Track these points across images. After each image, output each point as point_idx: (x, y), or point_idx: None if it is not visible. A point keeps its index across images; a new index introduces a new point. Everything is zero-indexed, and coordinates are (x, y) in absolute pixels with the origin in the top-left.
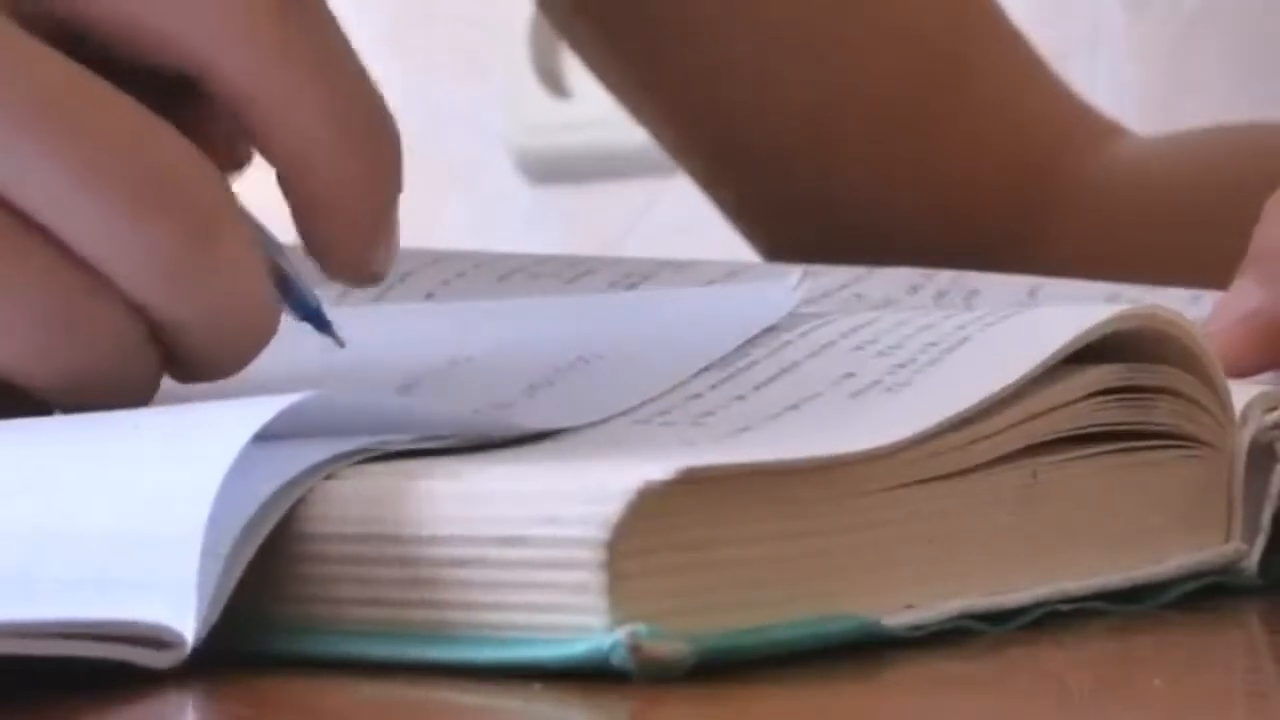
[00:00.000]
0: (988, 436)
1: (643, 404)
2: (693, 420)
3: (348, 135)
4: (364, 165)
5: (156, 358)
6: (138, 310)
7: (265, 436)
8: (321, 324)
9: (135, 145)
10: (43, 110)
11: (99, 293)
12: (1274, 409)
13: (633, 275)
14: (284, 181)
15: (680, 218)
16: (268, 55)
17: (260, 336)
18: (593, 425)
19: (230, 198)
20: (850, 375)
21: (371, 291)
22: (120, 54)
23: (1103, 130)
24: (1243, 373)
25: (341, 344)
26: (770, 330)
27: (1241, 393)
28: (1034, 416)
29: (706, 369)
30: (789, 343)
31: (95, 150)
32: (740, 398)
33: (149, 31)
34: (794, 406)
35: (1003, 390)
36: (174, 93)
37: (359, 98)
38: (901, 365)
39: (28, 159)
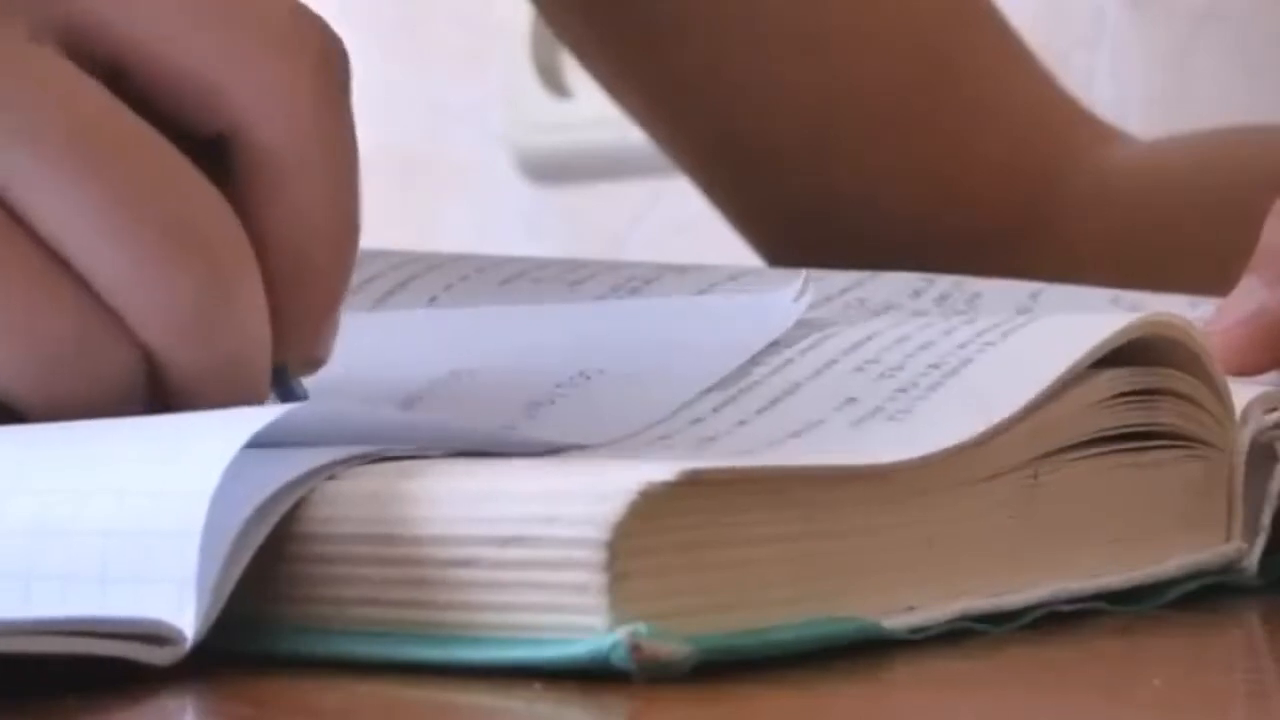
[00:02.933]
0: (995, 451)
1: (645, 428)
2: (695, 445)
3: (351, 213)
4: (350, 245)
5: (145, 400)
6: (144, 353)
7: (264, 444)
8: (289, 395)
9: (166, 189)
10: (80, 143)
11: (112, 331)
12: (1274, 409)
13: (635, 279)
14: (276, 249)
15: (681, 217)
16: (306, 119)
17: (254, 397)
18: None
19: (248, 248)
20: (852, 400)
21: (373, 297)
22: (155, 103)
23: (1100, 134)
24: (1245, 372)
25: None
26: (773, 345)
27: (1242, 393)
28: (1041, 428)
29: (709, 389)
30: (791, 360)
31: (127, 190)
32: (742, 423)
33: (189, 77)
34: (796, 434)
35: (1008, 419)
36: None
37: (357, 180)
38: (903, 390)
39: (61, 191)
